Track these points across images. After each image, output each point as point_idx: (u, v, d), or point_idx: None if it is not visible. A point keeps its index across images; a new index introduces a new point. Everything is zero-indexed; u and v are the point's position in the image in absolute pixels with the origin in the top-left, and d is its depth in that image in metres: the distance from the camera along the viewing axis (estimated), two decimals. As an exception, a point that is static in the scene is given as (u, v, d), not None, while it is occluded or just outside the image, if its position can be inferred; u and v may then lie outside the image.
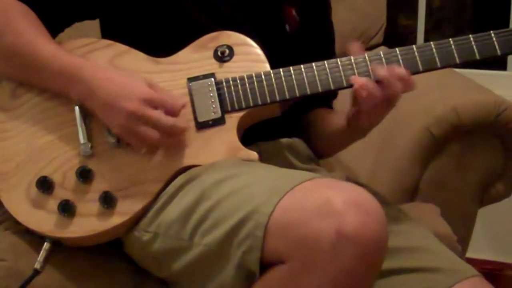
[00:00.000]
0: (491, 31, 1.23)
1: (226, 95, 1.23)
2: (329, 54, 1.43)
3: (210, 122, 1.23)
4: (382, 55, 1.23)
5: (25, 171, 1.22)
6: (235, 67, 1.25)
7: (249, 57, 1.26)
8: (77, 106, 1.22)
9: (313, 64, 1.23)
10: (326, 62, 1.23)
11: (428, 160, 1.61)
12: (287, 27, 1.37)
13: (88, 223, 1.20)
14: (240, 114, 1.23)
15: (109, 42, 1.29)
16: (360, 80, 1.20)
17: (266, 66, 1.25)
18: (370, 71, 1.22)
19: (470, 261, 1.24)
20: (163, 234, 1.17)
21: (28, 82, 1.27)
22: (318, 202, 1.00)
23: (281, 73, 1.23)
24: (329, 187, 1.04)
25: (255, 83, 1.23)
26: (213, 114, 1.23)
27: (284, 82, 1.23)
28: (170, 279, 1.21)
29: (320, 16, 1.45)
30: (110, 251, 1.25)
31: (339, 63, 1.23)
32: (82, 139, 1.21)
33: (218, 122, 1.23)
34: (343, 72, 1.23)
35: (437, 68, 1.24)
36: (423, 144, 1.60)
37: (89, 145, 1.21)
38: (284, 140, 1.36)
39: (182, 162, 1.21)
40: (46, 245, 1.20)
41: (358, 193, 1.02)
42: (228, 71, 1.24)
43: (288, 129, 1.38)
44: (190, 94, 1.24)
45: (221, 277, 1.09)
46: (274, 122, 1.28)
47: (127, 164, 1.21)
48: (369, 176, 1.69)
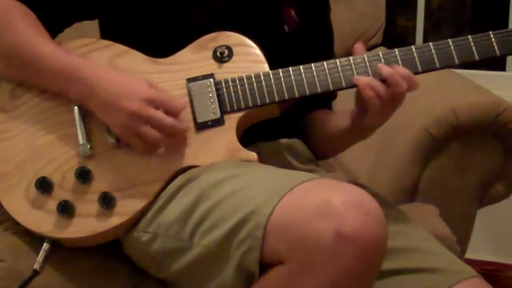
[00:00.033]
0: (490, 32, 1.23)
1: (225, 95, 1.23)
2: (328, 54, 1.42)
3: (209, 122, 1.23)
4: (381, 55, 1.23)
5: (24, 171, 1.22)
6: (234, 67, 1.25)
7: (248, 57, 1.26)
8: (76, 107, 1.22)
9: (312, 64, 1.23)
10: (325, 62, 1.23)
11: (428, 160, 1.61)
12: (286, 27, 1.36)
13: (87, 223, 1.20)
14: (239, 114, 1.23)
15: (109, 42, 1.29)
16: (364, 80, 1.20)
17: (265, 67, 1.24)
18: (370, 71, 1.22)
19: (470, 262, 1.24)
20: (162, 234, 1.17)
21: (27, 82, 1.26)
22: (318, 202, 1.00)
23: (280, 73, 1.23)
24: (328, 188, 1.04)
25: (254, 83, 1.23)
26: (212, 114, 1.23)
27: (283, 83, 1.23)
28: (170, 280, 1.21)
29: (319, 17, 1.45)
30: (109, 251, 1.25)
31: (338, 63, 1.23)
32: (81, 140, 1.21)
33: (217, 122, 1.22)
34: (342, 72, 1.23)
35: (436, 69, 1.24)
36: (422, 145, 1.60)
37: (88, 146, 1.21)
38: (283, 141, 1.36)
39: (181, 162, 1.21)
40: (45, 246, 1.19)
41: (358, 194, 1.02)
42: (227, 72, 1.24)
43: (287, 129, 1.38)
44: (190, 94, 1.24)
45: (220, 277, 1.09)
46: (273, 122, 1.28)
47: (127, 165, 1.21)
48: (369, 177, 1.69)
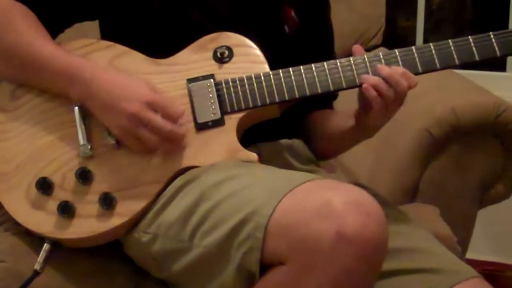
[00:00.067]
0: (490, 32, 1.23)
1: (226, 96, 1.23)
2: (328, 55, 1.42)
3: (210, 123, 1.23)
4: (381, 56, 1.23)
5: (25, 172, 1.22)
6: (235, 68, 1.25)
7: (249, 58, 1.26)
8: (76, 107, 1.22)
9: (313, 65, 1.23)
10: (325, 63, 1.23)
11: (428, 161, 1.61)
12: (286, 28, 1.36)
13: (88, 224, 1.19)
14: (239, 115, 1.23)
15: (109, 43, 1.29)
16: (371, 79, 1.20)
17: (266, 67, 1.24)
18: (370, 72, 1.22)
19: (470, 262, 1.24)
20: (162, 235, 1.17)
21: (28, 82, 1.26)
22: (318, 203, 1.00)
23: (281, 74, 1.23)
24: (329, 188, 1.04)
25: (255, 84, 1.23)
26: (212, 115, 1.23)
27: (283, 83, 1.23)
28: (170, 280, 1.21)
29: (319, 17, 1.45)
30: (110, 252, 1.25)
31: (339, 64, 1.23)
32: (81, 140, 1.21)
33: (218, 123, 1.22)
34: (342, 73, 1.23)
35: (436, 69, 1.24)
36: (422, 145, 1.60)
37: (89, 146, 1.21)
38: (284, 141, 1.36)
39: (181, 163, 1.21)
40: (46, 246, 1.19)
41: (358, 194, 1.02)
42: (227, 72, 1.24)
43: (287, 130, 1.38)
44: (190, 95, 1.24)
45: (221, 278, 1.09)
46: (274, 123, 1.28)
47: (127, 165, 1.21)
48: (369, 177, 1.69)
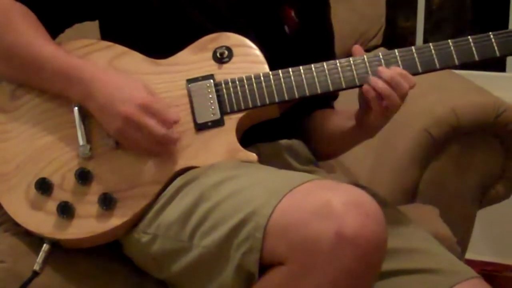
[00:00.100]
0: (490, 33, 1.23)
1: (225, 96, 1.23)
2: (328, 55, 1.42)
3: (209, 123, 1.23)
4: (381, 56, 1.23)
5: (24, 172, 1.22)
6: (234, 68, 1.25)
7: (248, 58, 1.26)
8: (76, 108, 1.22)
9: (312, 65, 1.23)
10: (325, 63, 1.23)
11: (428, 161, 1.61)
12: (286, 28, 1.36)
13: (87, 224, 1.19)
14: (239, 115, 1.23)
15: (109, 43, 1.29)
16: (377, 82, 1.20)
17: (265, 68, 1.24)
18: (370, 72, 1.22)
19: (470, 262, 1.24)
20: (162, 235, 1.17)
21: (27, 83, 1.26)
22: (318, 203, 1.00)
23: (280, 74, 1.23)
24: (328, 189, 1.04)
25: (254, 84, 1.23)
26: (212, 115, 1.23)
27: (283, 84, 1.23)
28: (170, 281, 1.21)
29: (319, 17, 1.45)
30: (109, 252, 1.25)
31: (338, 64, 1.23)
32: (81, 141, 1.21)
33: (217, 123, 1.22)
34: (342, 73, 1.23)
35: (436, 70, 1.24)
36: (422, 145, 1.60)
37: (88, 147, 1.21)
38: (283, 142, 1.36)
39: (181, 163, 1.21)
40: (45, 247, 1.19)
41: (358, 195, 1.02)
42: (227, 73, 1.24)
43: (287, 130, 1.38)
44: (189, 95, 1.24)
45: (220, 278, 1.09)
46: (273, 123, 1.28)
47: (126, 166, 1.21)
48: (369, 177, 1.69)
